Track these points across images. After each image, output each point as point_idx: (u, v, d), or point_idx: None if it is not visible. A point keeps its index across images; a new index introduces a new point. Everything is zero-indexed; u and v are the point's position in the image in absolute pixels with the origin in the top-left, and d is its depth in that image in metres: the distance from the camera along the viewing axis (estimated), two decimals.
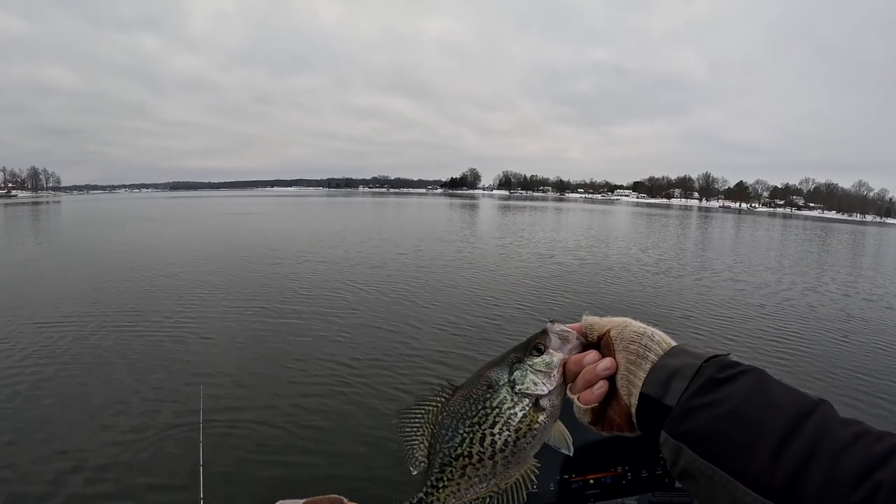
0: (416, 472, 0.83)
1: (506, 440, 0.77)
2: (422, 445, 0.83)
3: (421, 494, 0.81)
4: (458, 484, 0.79)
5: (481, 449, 0.77)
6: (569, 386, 0.80)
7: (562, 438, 0.81)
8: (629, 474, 1.37)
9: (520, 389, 0.77)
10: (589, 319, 0.82)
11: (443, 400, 0.82)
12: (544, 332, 0.80)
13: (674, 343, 0.76)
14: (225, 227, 37.14)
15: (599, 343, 0.80)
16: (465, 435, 0.78)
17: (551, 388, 0.77)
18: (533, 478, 0.81)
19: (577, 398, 0.78)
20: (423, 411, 0.83)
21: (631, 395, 0.74)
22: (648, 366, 0.73)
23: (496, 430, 0.77)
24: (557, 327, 0.80)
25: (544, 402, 0.77)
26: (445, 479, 0.79)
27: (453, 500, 0.80)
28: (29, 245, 26.99)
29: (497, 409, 0.77)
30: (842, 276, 21.68)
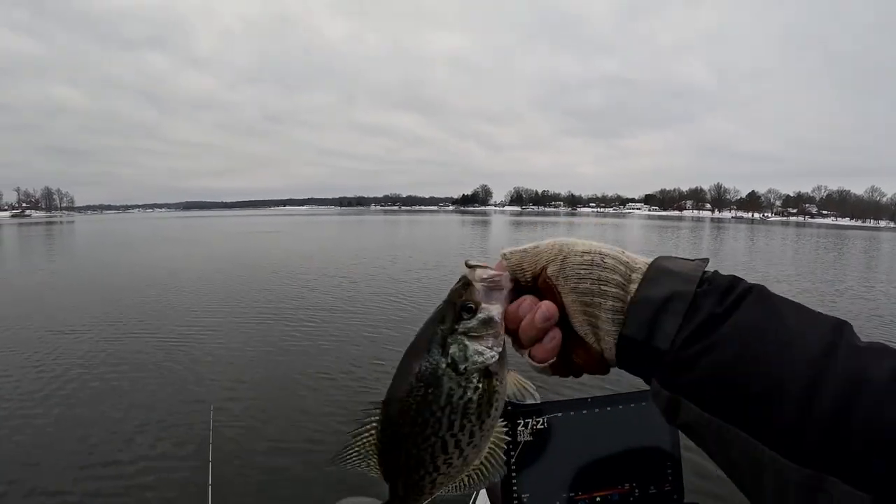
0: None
1: (471, 431, 0.63)
2: (375, 468, 0.68)
3: None
4: (431, 491, 0.67)
5: (447, 457, 0.64)
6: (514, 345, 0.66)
7: (521, 388, 0.67)
8: (637, 491, 1.32)
9: (465, 368, 0.62)
10: (513, 256, 0.66)
11: (376, 426, 0.66)
12: (467, 285, 0.64)
13: (641, 260, 0.61)
14: (244, 246, 37.20)
15: (535, 284, 0.65)
16: (422, 454, 0.63)
17: (499, 350, 0.63)
18: (502, 440, 0.68)
19: (529, 357, 0.64)
20: (356, 451, 0.66)
21: (600, 339, 0.61)
22: (611, 303, 0.59)
23: (456, 429, 0.63)
24: (481, 273, 0.64)
25: (494, 367, 0.63)
26: (411, 498, 0.67)
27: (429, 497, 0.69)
28: (47, 263, 27.32)
29: (448, 407, 0.62)
30: (866, 281, 21.74)
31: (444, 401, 0.62)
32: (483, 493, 2.50)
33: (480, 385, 0.63)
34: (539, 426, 1.32)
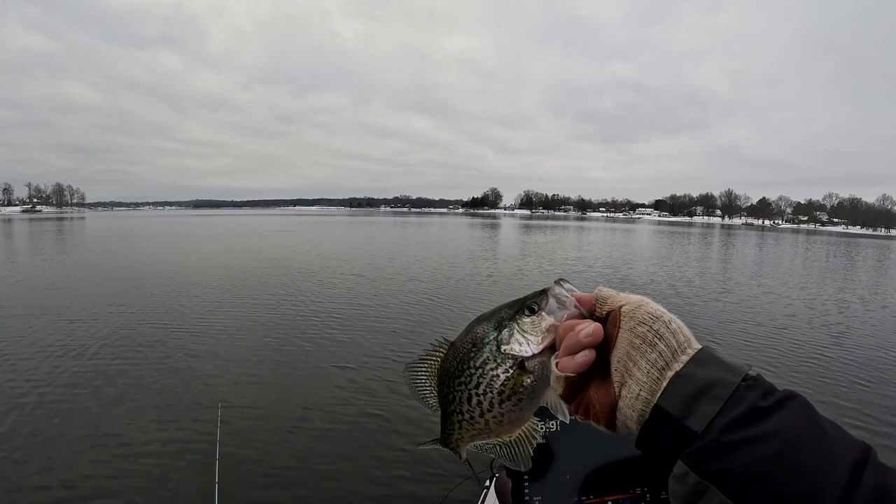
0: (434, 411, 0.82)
1: (490, 402, 0.73)
2: (432, 394, 0.81)
3: (437, 439, 0.83)
4: (461, 434, 0.78)
5: (470, 408, 0.75)
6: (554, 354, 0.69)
7: (556, 405, 0.73)
8: (648, 496, 1.32)
9: (505, 350, 0.72)
10: (603, 291, 0.70)
11: (440, 355, 0.80)
12: (543, 293, 0.73)
13: (696, 342, 0.63)
14: (256, 245, 36.62)
15: (607, 319, 0.68)
16: (454, 393, 0.76)
17: (536, 350, 0.71)
18: (536, 434, 0.78)
19: (556, 364, 0.67)
20: (426, 365, 0.81)
21: (624, 384, 0.63)
22: (654, 356, 0.61)
23: (481, 391, 0.73)
24: (558, 290, 0.72)
25: (530, 365, 0.71)
26: (448, 429, 0.79)
27: (464, 444, 0.80)
28: (62, 257, 27.22)
29: (481, 370, 0.73)
30: (882, 289, 21.88)
31: (479, 363, 0.73)
32: (492, 493, 2.74)
33: (511, 371, 0.71)
34: (552, 429, 1.31)
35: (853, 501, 0.46)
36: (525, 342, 0.71)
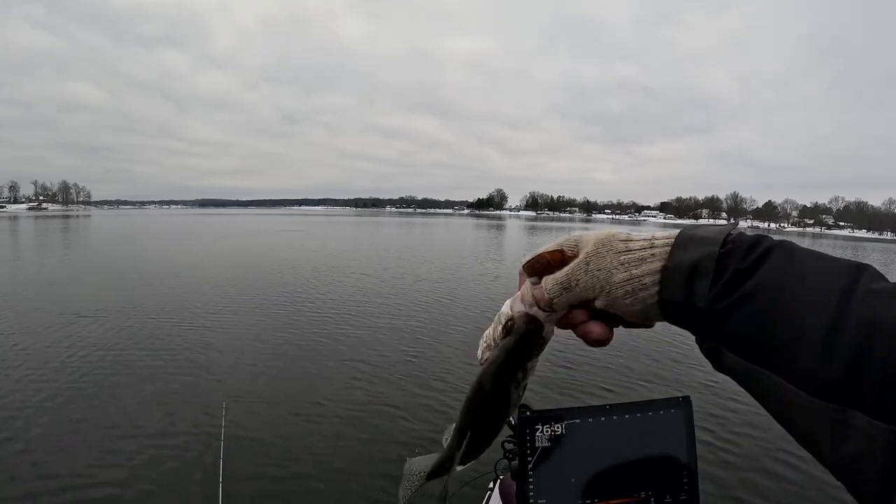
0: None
1: (525, 372, 0.72)
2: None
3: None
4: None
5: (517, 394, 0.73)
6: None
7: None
8: (652, 500, 1.19)
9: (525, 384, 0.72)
10: (567, 240, 0.69)
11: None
12: (531, 323, 0.70)
13: (666, 233, 0.64)
14: (264, 245, 36.45)
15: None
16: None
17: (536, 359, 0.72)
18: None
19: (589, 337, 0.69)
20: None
21: (630, 294, 0.63)
22: (621, 251, 0.63)
23: (521, 379, 0.73)
24: (528, 311, 0.69)
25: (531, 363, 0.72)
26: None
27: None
28: (69, 254, 26.81)
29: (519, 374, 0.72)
30: None
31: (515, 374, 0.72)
32: (496, 495, 2.86)
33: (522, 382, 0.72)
34: (557, 432, 1.19)
35: (839, 336, 0.48)
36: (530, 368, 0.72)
